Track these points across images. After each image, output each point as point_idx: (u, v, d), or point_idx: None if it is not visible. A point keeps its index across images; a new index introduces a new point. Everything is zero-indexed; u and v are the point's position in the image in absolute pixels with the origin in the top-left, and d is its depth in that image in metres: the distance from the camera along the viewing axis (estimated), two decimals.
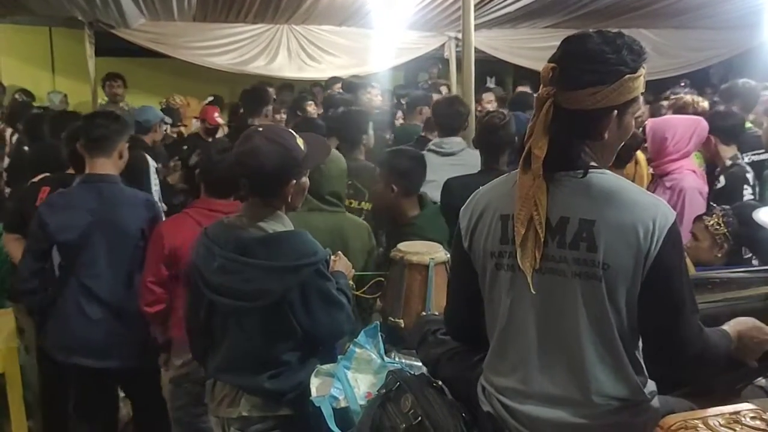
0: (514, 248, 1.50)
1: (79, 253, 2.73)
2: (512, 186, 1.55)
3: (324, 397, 1.95)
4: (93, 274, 2.73)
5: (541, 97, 1.46)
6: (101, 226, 2.72)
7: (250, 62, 7.48)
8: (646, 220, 1.39)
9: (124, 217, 2.75)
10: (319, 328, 2.07)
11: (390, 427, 1.68)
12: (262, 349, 2.05)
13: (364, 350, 2.09)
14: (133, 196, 2.85)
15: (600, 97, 1.41)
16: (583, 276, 1.43)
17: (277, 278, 1.98)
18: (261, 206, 2.07)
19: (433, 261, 2.44)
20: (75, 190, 2.83)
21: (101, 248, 2.72)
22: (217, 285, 2.02)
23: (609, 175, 1.48)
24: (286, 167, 2.02)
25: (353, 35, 7.81)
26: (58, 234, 2.72)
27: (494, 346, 1.61)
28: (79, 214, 2.72)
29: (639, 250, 1.39)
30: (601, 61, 1.41)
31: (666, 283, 1.40)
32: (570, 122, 1.44)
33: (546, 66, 1.44)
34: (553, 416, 1.48)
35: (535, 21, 7.94)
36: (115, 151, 2.82)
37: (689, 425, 1.34)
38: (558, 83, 1.43)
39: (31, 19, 7.11)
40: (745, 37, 8.16)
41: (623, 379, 1.46)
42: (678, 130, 3.21)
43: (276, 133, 2.06)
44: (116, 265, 2.75)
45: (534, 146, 1.45)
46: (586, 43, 1.44)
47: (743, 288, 2.10)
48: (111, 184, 2.80)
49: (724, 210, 2.66)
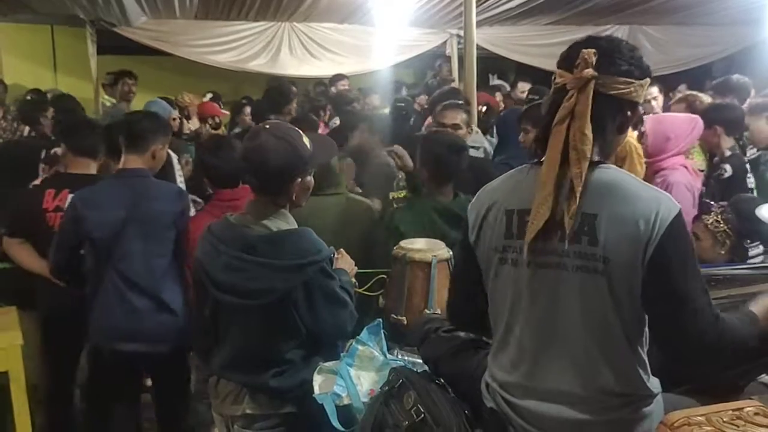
0: (517, 243, 1.50)
1: (116, 246, 2.79)
2: (519, 181, 1.56)
3: (327, 395, 1.95)
4: (130, 265, 2.80)
5: (581, 78, 1.44)
6: (135, 219, 2.79)
7: (251, 60, 7.49)
8: (647, 213, 1.39)
9: (156, 210, 2.83)
10: (322, 326, 2.07)
11: (393, 424, 1.69)
12: (266, 347, 2.06)
13: (367, 347, 2.09)
14: (165, 188, 2.95)
15: (632, 88, 1.47)
16: (584, 270, 1.43)
17: (281, 277, 1.99)
18: (266, 204, 2.08)
19: (436, 258, 2.45)
20: (107, 185, 2.89)
21: (137, 240, 2.79)
22: (221, 283, 2.03)
23: (612, 169, 1.49)
24: (291, 165, 2.02)
25: (355, 33, 7.81)
26: (94, 230, 2.77)
27: (498, 342, 1.61)
28: (113, 210, 2.78)
29: (639, 243, 1.39)
30: (633, 58, 1.49)
31: (668, 275, 1.39)
32: (603, 109, 1.46)
33: (588, 51, 1.44)
34: (556, 412, 1.48)
35: (537, 18, 7.92)
36: (148, 151, 2.90)
37: (692, 422, 1.33)
38: (598, 68, 1.45)
39: (33, 18, 7.10)
40: (747, 34, 8.14)
41: (626, 374, 1.46)
42: (679, 130, 3.23)
43: (283, 131, 2.06)
44: (152, 254, 2.83)
45: (581, 130, 1.43)
46: (613, 41, 1.52)
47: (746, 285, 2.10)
48: (142, 178, 2.87)
49: (721, 207, 2.66)
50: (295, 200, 2.11)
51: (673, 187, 3.04)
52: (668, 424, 1.36)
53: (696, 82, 6.94)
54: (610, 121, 1.49)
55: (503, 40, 8.14)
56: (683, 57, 8.57)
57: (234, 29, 7.41)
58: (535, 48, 7.97)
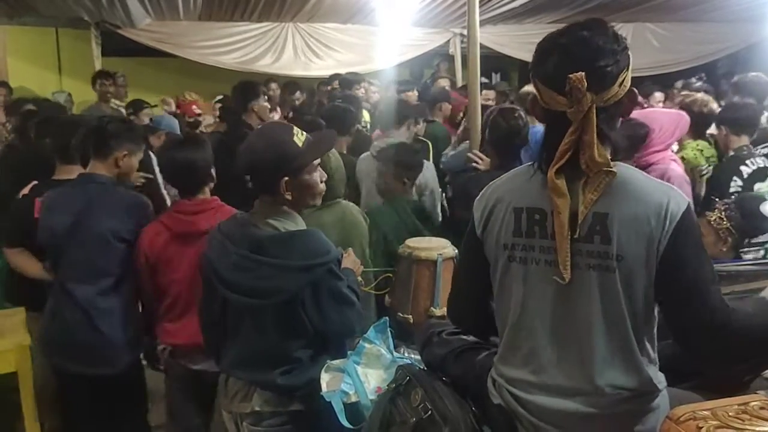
0: (526, 241, 1.51)
1: (62, 255, 2.69)
2: (526, 180, 1.56)
3: (335, 392, 1.96)
4: (71, 275, 2.68)
5: (583, 104, 1.40)
6: (81, 228, 2.66)
7: (256, 61, 7.51)
8: (657, 208, 1.40)
9: (102, 220, 2.67)
10: (330, 326, 2.07)
11: (400, 421, 1.69)
12: (274, 345, 2.06)
13: (374, 345, 2.10)
14: (121, 198, 2.76)
15: (627, 82, 1.45)
16: (597, 268, 1.44)
17: (290, 277, 1.99)
18: (269, 204, 2.08)
19: (441, 257, 2.46)
20: (65, 190, 2.79)
21: (80, 249, 2.67)
22: (230, 282, 2.04)
23: (620, 166, 1.48)
24: (274, 161, 2.01)
25: (358, 32, 7.83)
26: (41, 234, 2.70)
27: (506, 339, 1.61)
28: (61, 215, 2.68)
29: (651, 238, 1.40)
30: (613, 52, 1.42)
31: (681, 268, 1.41)
32: (608, 114, 1.45)
33: (577, 76, 1.37)
34: (563, 406, 1.49)
35: (541, 16, 7.92)
36: (110, 158, 2.77)
37: (698, 416, 1.33)
38: (591, 88, 1.39)
39: (38, 20, 7.13)
40: (752, 31, 8.12)
41: (633, 369, 1.47)
42: (663, 124, 3.25)
43: (269, 129, 2.08)
44: (94, 267, 2.68)
45: (592, 158, 1.41)
46: (586, 43, 1.42)
47: (751, 281, 2.10)
48: (99, 185, 2.74)
49: (725, 204, 2.66)
50: (293, 199, 2.07)
51: (673, 180, 3.05)
52: (674, 418, 1.36)
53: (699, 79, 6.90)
54: (615, 122, 1.49)
55: (507, 39, 8.14)
56: (688, 54, 8.56)
57: (238, 30, 7.43)
58: None
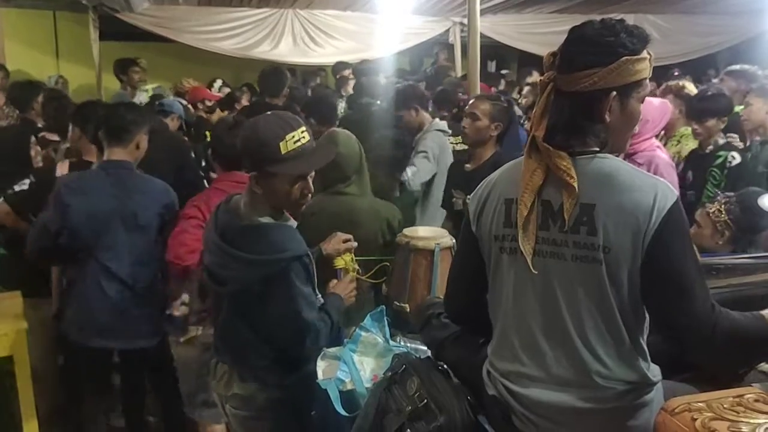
0: (515, 231, 1.51)
1: (100, 238, 2.79)
2: (518, 171, 1.56)
3: (330, 380, 1.97)
4: (113, 257, 2.80)
5: (543, 82, 1.53)
6: (121, 212, 2.79)
7: (254, 47, 7.47)
8: (645, 201, 1.40)
9: (141, 204, 2.83)
10: (272, 329, 2.01)
11: (396, 409, 1.69)
12: (247, 332, 2.06)
13: (370, 334, 2.11)
14: (151, 184, 2.93)
15: (597, 78, 1.43)
16: (583, 259, 1.44)
17: (240, 268, 1.96)
18: (249, 191, 2.03)
19: (439, 246, 2.46)
20: (94, 175, 2.88)
21: (120, 233, 2.80)
22: (204, 264, 2.09)
23: (610, 158, 1.49)
24: (248, 154, 1.97)
25: (358, 20, 7.79)
26: (77, 218, 2.75)
27: (498, 331, 1.62)
28: (100, 199, 2.78)
29: (638, 231, 1.39)
30: (598, 44, 1.45)
31: (666, 263, 1.40)
32: (570, 105, 1.49)
33: (547, 53, 1.52)
34: (557, 400, 1.49)
35: (541, 6, 7.90)
36: (132, 142, 2.89)
37: (693, 408, 1.34)
38: (558, 68, 1.50)
39: (35, 3, 7.10)
40: (752, 23, 8.11)
41: (626, 362, 1.47)
42: (655, 114, 3.27)
43: (264, 121, 1.97)
44: (134, 248, 2.83)
45: (535, 128, 1.51)
46: (585, 29, 1.49)
47: (748, 274, 2.10)
48: (128, 171, 2.87)
49: (727, 197, 2.66)
50: (265, 197, 1.99)
51: (660, 167, 3.06)
52: (669, 410, 1.37)
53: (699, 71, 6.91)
54: (591, 111, 1.48)
55: (507, 29, 8.12)
56: (688, 46, 8.54)
57: (237, 15, 7.39)
58: (539, 36, 7.94)
